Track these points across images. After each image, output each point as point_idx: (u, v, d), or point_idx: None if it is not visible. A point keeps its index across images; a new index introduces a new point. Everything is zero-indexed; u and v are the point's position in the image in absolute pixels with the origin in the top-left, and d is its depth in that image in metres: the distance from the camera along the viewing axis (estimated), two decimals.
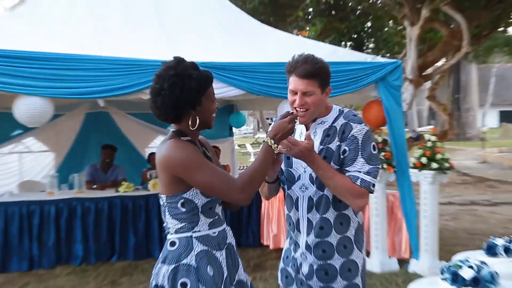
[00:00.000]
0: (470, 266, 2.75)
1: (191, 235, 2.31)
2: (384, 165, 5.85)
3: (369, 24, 13.37)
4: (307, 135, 2.39)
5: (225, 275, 2.34)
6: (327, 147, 2.44)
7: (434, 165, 5.60)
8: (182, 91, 2.24)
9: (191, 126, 2.34)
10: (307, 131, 2.47)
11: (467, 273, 2.71)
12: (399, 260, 6.15)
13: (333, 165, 2.41)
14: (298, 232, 2.55)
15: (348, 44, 13.49)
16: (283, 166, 2.56)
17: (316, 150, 2.42)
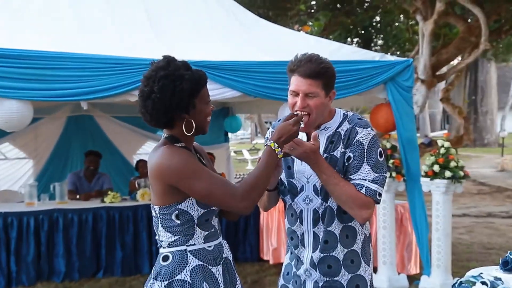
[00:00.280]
0: (484, 282, 2.78)
1: (186, 249, 2.33)
2: (393, 174, 5.86)
3: (378, 19, 13.43)
4: (314, 136, 2.39)
5: None
6: (331, 155, 2.45)
7: (448, 174, 5.61)
8: (174, 94, 2.24)
9: (186, 131, 2.34)
10: (315, 131, 2.47)
11: None
12: (409, 277, 6.16)
13: None
14: (302, 247, 2.56)
15: (355, 41, 13.56)
16: (284, 177, 2.57)
17: None
